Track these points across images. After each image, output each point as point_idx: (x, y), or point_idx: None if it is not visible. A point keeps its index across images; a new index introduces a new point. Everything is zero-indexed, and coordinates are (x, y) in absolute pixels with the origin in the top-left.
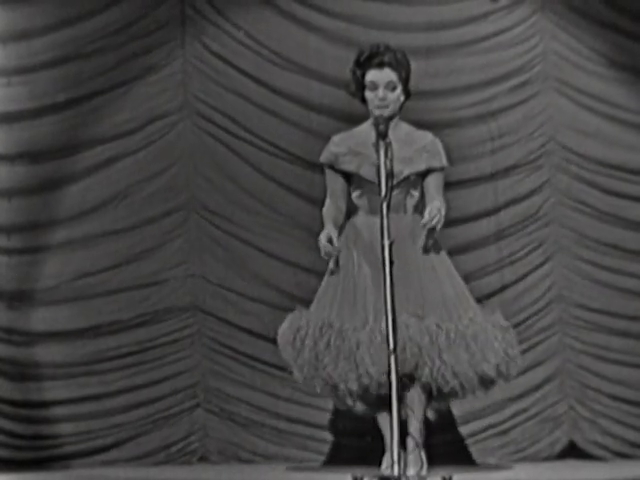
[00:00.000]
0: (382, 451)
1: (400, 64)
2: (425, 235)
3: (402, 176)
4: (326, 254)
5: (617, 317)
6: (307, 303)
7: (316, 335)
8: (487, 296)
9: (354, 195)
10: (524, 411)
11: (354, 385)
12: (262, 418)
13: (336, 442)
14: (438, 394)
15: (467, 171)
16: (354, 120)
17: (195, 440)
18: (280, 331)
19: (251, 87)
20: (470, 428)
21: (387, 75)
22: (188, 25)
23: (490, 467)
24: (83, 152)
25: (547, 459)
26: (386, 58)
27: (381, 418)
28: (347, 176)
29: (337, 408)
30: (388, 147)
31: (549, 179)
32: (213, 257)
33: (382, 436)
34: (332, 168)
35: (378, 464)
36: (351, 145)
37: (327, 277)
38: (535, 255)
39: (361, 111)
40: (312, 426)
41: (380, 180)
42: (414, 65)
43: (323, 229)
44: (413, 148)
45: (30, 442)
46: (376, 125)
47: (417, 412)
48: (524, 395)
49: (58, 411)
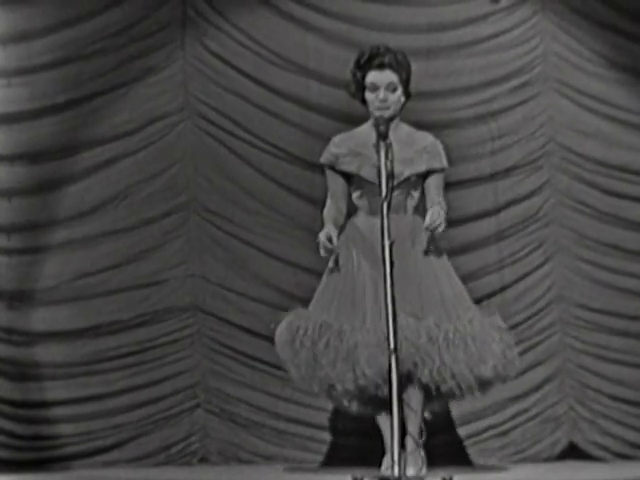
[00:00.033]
0: (382, 451)
1: (401, 65)
2: (427, 238)
3: (402, 177)
4: (325, 252)
5: (617, 317)
6: (307, 303)
7: (315, 335)
8: (487, 296)
9: (354, 196)
10: (524, 412)
11: (351, 386)
12: (262, 419)
13: (336, 443)
14: (437, 394)
15: (467, 171)
16: (354, 120)
17: (195, 441)
18: (278, 330)
19: (251, 88)
20: (470, 429)
21: (388, 76)
22: (189, 26)
23: (490, 468)
24: (83, 153)
25: (547, 460)
26: (387, 59)
27: (381, 419)
28: (347, 177)
29: (337, 409)
30: (389, 148)
31: (549, 179)
32: (213, 257)
33: (382, 436)
34: (332, 169)
35: (378, 465)
36: (351, 146)
37: (326, 276)
38: (535, 255)
39: (361, 111)
40: (312, 427)
41: (380, 181)
42: (414, 66)
43: (323, 229)
44: (414, 149)
45: (30, 443)
46: (376, 126)
47: (417, 412)
48: (524, 395)
49: (58, 411)
